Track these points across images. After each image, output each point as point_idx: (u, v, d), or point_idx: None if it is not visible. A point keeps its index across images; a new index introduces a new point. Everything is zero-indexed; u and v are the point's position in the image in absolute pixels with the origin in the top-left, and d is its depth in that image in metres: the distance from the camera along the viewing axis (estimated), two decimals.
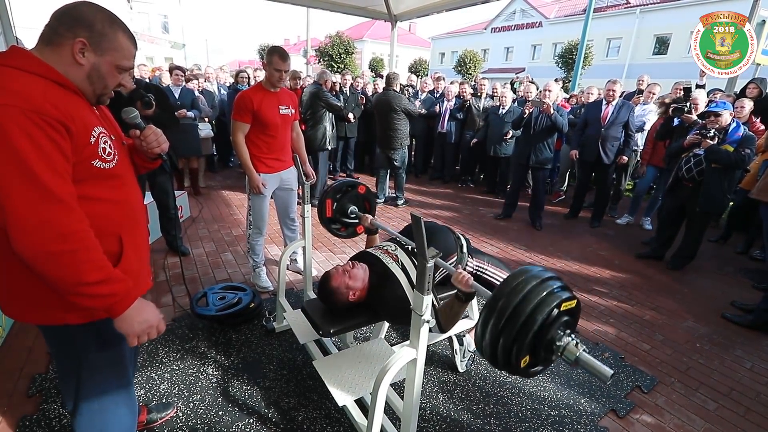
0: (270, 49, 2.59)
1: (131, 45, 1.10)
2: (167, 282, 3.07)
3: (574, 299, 1.09)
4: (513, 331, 1.04)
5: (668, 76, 6.29)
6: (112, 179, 1.12)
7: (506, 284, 1.10)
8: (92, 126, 1.04)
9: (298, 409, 1.93)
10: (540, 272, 1.11)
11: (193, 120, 5.03)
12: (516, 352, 1.05)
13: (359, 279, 1.74)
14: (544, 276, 1.10)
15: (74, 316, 1.09)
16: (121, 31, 1.07)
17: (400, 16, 5.68)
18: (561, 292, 1.08)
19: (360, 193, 2.32)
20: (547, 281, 1.09)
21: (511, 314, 1.04)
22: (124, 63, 1.09)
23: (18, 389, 1.95)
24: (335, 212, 2.29)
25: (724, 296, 3.31)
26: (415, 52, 35.06)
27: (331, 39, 24.66)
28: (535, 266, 1.15)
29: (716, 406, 2.12)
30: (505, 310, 1.05)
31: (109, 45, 1.04)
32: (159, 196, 3.34)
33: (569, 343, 1.06)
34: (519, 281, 1.08)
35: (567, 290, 1.10)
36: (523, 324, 1.03)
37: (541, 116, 4.33)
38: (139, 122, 1.29)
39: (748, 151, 3.19)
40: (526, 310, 1.03)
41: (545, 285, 1.08)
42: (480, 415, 1.97)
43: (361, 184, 2.34)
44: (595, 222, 4.89)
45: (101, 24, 1.02)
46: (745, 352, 2.59)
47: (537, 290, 1.06)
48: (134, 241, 1.19)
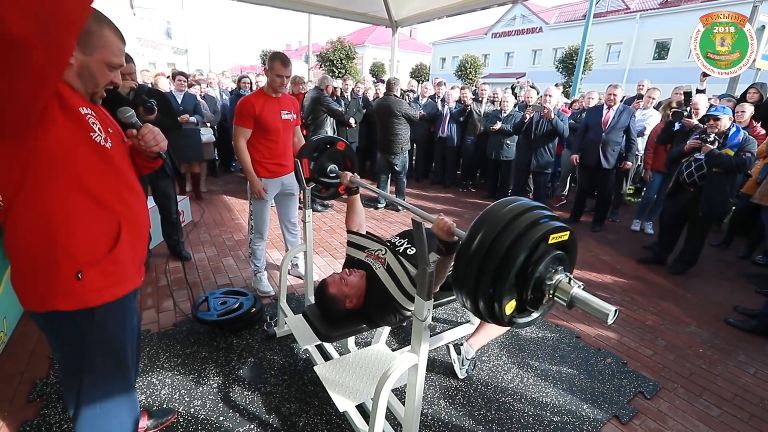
0: (272, 55, 2.60)
1: (119, 41, 1.12)
2: (168, 287, 3.08)
3: (566, 230, 0.94)
4: (491, 269, 0.88)
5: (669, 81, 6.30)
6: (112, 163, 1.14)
7: (489, 209, 0.95)
8: (80, 104, 1.07)
9: (299, 414, 1.93)
10: (525, 202, 0.96)
11: (196, 125, 5.06)
12: (498, 295, 0.89)
13: (355, 286, 1.74)
14: (530, 205, 0.95)
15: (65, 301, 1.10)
16: (107, 28, 1.08)
17: (401, 22, 5.71)
18: (549, 222, 0.93)
19: (339, 150, 2.16)
20: (532, 210, 0.94)
21: (488, 250, 0.88)
22: (113, 60, 1.11)
23: (19, 394, 1.94)
24: (313, 172, 2.13)
25: (727, 301, 3.30)
26: (416, 57, 35.25)
27: (333, 44, 24.82)
28: (520, 198, 0.99)
29: (720, 412, 2.10)
30: (482, 246, 0.89)
31: (96, 42, 1.06)
32: (161, 201, 3.35)
33: (561, 281, 0.91)
34: (499, 212, 0.93)
35: (557, 220, 0.96)
36: (503, 259, 0.87)
37: (542, 121, 4.35)
38: (135, 121, 1.30)
39: (749, 154, 3.19)
40: (506, 242, 0.87)
41: (529, 215, 0.92)
42: (482, 421, 1.96)
43: (340, 140, 2.20)
44: (597, 226, 4.89)
45: (87, 22, 1.03)
46: (748, 357, 2.57)
47: (519, 220, 0.90)
48: (132, 233, 1.21)
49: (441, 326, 2.70)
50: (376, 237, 1.89)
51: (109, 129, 1.17)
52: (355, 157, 2.29)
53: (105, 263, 1.14)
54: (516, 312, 0.94)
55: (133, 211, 1.22)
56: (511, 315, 0.93)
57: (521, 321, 0.97)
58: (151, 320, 2.62)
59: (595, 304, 0.88)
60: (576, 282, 0.91)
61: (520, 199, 0.98)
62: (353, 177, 2.00)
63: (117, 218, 1.16)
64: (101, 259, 1.13)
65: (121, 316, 1.24)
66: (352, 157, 2.27)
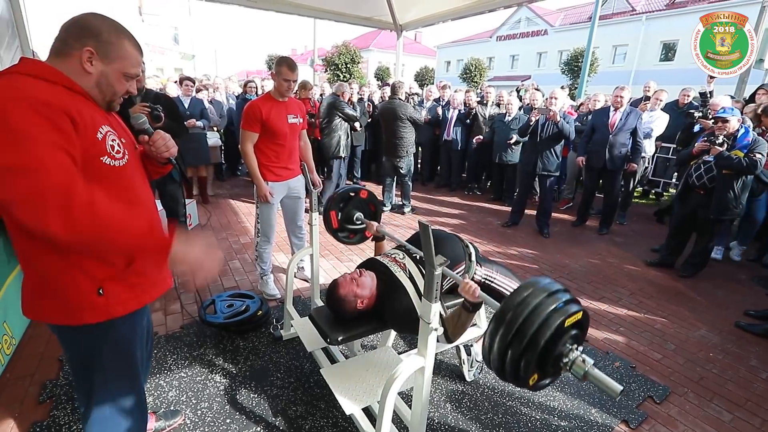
0: (278, 59, 2.63)
1: (137, 53, 1.14)
2: (176, 289, 3.09)
3: (580, 311, 1.08)
4: (521, 347, 1.03)
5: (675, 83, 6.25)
6: (123, 179, 1.15)
7: (513, 297, 1.09)
8: (99, 124, 1.07)
9: (305, 417, 1.93)
10: (548, 285, 1.10)
11: (202, 129, 5.11)
12: (524, 368, 1.05)
13: (367, 287, 1.74)
14: (552, 289, 1.09)
15: (91, 315, 1.11)
16: (126, 40, 1.11)
17: (406, 26, 5.73)
18: (568, 306, 1.07)
19: (363, 198, 2.32)
20: (554, 294, 1.08)
21: (518, 329, 1.03)
22: (131, 70, 1.13)
23: (29, 395, 1.97)
24: (341, 221, 2.29)
25: (737, 304, 3.25)
26: (420, 60, 35.37)
27: (338, 49, 24.97)
28: (543, 277, 1.14)
29: (731, 417, 2.07)
30: (513, 325, 1.04)
31: (115, 53, 1.08)
32: (169, 204, 3.39)
33: (577, 359, 1.05)
34: (526, 294, 1.07)
35: (575, 303, 1.09)
36: (530, 340, 1.02)
37: (548, 124, 4.33)
38: (147, 128, 1.32)
39: (759, 155, 3.15)
40: (534, 325, 1.02)
41: (553, 299, 1.06)
42: (488, 425, 1.95)
43: (363, 189, 2.33)
44: (604, 229, 4.85)
45: (108, 33, 1.06)
46: (760, 361, 2.53)
47: (545, 304, 1.05)
48: None
49: None
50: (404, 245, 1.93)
51: (123, 139, 1.18)
52: (378, 203, 2.41)
53: (128, 277, 1.16)
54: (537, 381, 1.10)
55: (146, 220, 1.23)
56: (533, 385, 1.09)
57: (541, 384, 1.12)
58: (158, 323, 2.64)
59: (606, 382, 1.01)
60: (588, 360, 1.05)
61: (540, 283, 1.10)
62: (379, 227, 2.16)
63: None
64: (122, 274, 1.14)
65: (133, 319, 1.25)
66: (375, 203, 2.38)
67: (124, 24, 1.14)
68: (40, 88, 0.95)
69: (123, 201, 1.14)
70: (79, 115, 0.99)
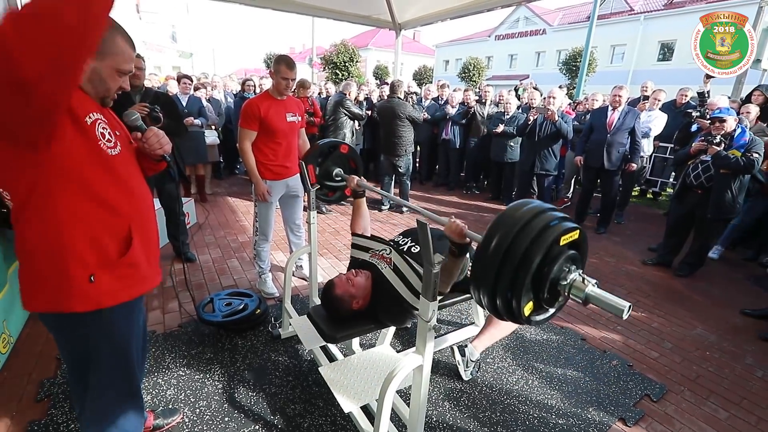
0: (277, 57, 2.62)
1: (129, 48, 1.14)
2: (174, 288, 3.09)
3: (577, 229, 0.98)
4: (509, 273, 0.92)
5: (673, 82, 6.27)
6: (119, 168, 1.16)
7: (503, 214, 0.99)
8: (88, 111, 1.08)
9: (303, 415, 1.93)
10: (536, 205, 1.00)
11: (201, 127, 5.10)
12: (516, 297, 0.94)
13: (362, 287, 1.74)
14: (541, 208, 0.99)
15: (81, 302, 1.11)
16: (119, 36, 1.10)
17: (405, 25, 5.73)
18: (561, 223, 0.96)
19: (343, 153, 2.20)
20: (543, 213, 0.98)
21: (505, 254, 0.93)
22: (124, 66, 1.13)
23: (27, 394, 1.96)
24: (319, 176, 2.17)
25: (734, 303, 3.27)
26: (419, 59, 35.35)
27: (336, 47, 24.92)
28: (531, 200, 1.04)
29: (727, 415, 2.08)
30: (499, 251, 0.93)
31: (108, 50, 1.08)
32: (166, 203, 3.38)
33: (575, 280, 0.95)
34: (517, 212, 0.97)
35: (568, 220, 0.99)
36: (523, 258, 0.91)
37: (546, 123, 4.34)
38: (140, 124, 1.32)
39: (756, 155, 3.17)
40: (525, 241, 0.91)
41: (541, 217, 0.96)
42: (486, 423, 1.96)
43: (343, 143, 2.23)
44: (601, 228, 4.87)
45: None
46: (756, 360, 2.55)
47: (536, 220, 0.94)
48: (143, 235, 1.23)
49: (446, 328, 2.69)
50: (379, 238, 1.90)
51: (117, 132, 1.19)
52: (358, 159, 2.31)
53: (119, 267, 1.15)
54: (533, 311, 0.99)
55: (141, 213, 1.24)
56: (529, 315, 0.98)
57: (538, 319, 1.02)
58: (156, 321, 2.64)
59: (610, 301, 0.92)
60: (589, 280, 0.95)
61: (532, 202, 1.01)
62: (359, 180, 2.03)
63: (127, 222, 1.17)
64: (114, 263, 1.14)
65: (128, 316, 1.25)
66: (355, 159, 2.29)
67: (121, 22, 1.14)
68: None
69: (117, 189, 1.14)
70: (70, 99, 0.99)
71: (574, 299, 0.96)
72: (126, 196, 1.18)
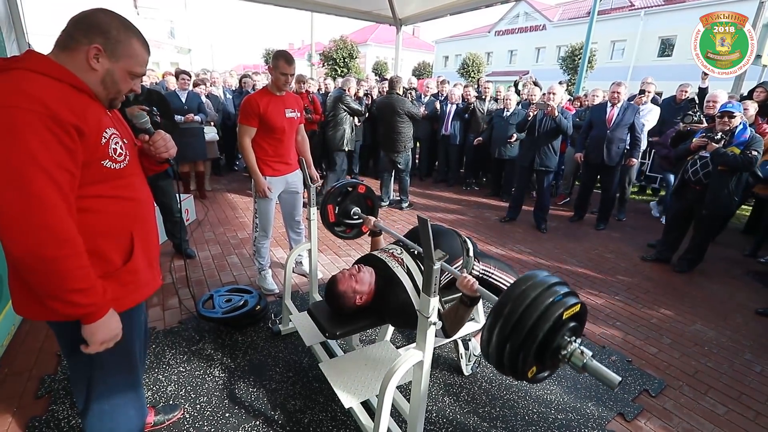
0: (276, 53, 2.61)
1: (144, 52, 1.13)
2: (173, 284, 3.09)
3: (578, 304, 1.08)
4: (519, 339, 1.03)
5: (673, 78, 6.25)
6: (122, 179, 1.14)
7: (512, 290, 1.09)
8: (104, 127, 1.06)
9: (304, 411, 1.94)
10: (546, 278, 1.10)
11: (200, 124, 5.08)
12: (522, 361, 1.05)
13: (366, 283, 1.75)
14: (550, 282, 1.09)
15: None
16: (135, 38, 1.09)
17: (405, 20, 5.70)
18: (566, 299, 1.07)
19: (360, 193, 2.31)
20: (552, 287, 1.07)
21: (517, 322, 1.03)
22: (137, 69, 1.12)
23: (27, 390, 1.97)
24: (338, 216, 2.28)
25: (732, 299, 3.28)
26: (419, 55, 35.18)
27: (336, 43, 24.80)
28: (540, 271, 1.14)
29: (726, 410, 2.10)
30: (511, 318, 1.04)
31: (123, 52, 1.07)
32: (161, 200, 3.36)
33: (575, 350, 1.05)
34: (525, 287, 1.07)
35: (573, 296, 1.09)
36: (528, 332, 1.02)
37: (546, 119, 4.32)
38: (148, 128, 1.32)
39: (755, 153, 3.16)
40: (532, 318, 1.02)
41: (551, 291, 1.06)
42: (486, 418, 1.96)
43: (361, 184, 2.31)
44: (601, 224, 4.87)
45: (116, 31, 1.05)
46: (754, 355, 2.56)
47: (543, 297, 1.05)
48: (144, 240, 1.22)
49: None
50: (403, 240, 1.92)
51: (125, 140, 1.17)
52: (375, 198, 2.39)
53: (122, 275, 1.15)
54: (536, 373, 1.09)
55: (143, 218, 1.22)
56: (531, 377, 1.09)
57: (538, 377, 1.12)
58: (156, 318, 2.64)
59: (604, 373, 1.02)
60: (587, 352, 1.05)
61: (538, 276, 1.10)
62: (377, 222, 2.13)
63: (128, 231, 1.16)
64: (117, 272, 1.14)
65: (131, 319, 1.24)
66: (372, 197, 2.36)
67: None
68: (48, 90, 0.94)
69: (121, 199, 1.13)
70: (85, 123, 0.98)
71: (572, 367, 1.07)
72: (129, 205, 1.16)
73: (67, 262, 0.95)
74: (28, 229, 0.90)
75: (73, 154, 0.96)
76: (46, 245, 0.92)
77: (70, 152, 0.95)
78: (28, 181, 0.89)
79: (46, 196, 0.91)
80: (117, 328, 1.12)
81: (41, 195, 0.91)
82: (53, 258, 0.93)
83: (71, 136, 0.95)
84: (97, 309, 1.04)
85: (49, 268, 0.94)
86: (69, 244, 0.95)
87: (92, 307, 1.03)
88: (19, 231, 0.90)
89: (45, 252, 0.92)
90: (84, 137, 0.98)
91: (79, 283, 0.98)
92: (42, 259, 0.92)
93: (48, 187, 0.91)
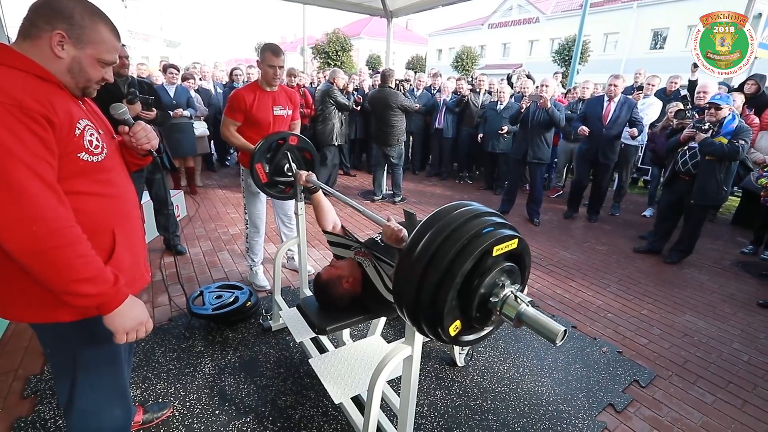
0: (263, 46, 2.55)
1: (114, 38, 1.07)
2: (164, 281, 3.06)
3: (515, 239, 0.85)
4: (431, 288, 0.80)
5: (666, 71, 6.26)
6: (101, 173, 1.10)
7: (429, 220, 0.86)
8: (77, 118, 1.02)
9: (294, 407, 1.93)
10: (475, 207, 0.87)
11: (189, 119, 5.00)
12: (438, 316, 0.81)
13: (348, 267, 1.71)
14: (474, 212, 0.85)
15: (66, 313, 1.07)
16: (102, 24, 1.04)
17: (396, 12, 5.65)
18: (495, 231, 0.83)
19: (293, 145, 2.04)
20: (481, 216, 0.84)
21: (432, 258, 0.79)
22: (107, 56, 1.06)
23: (13, 390, 1.93)
24: (270, 174, 2.01)
25: (722, 290, 3.32)
26: (412, 48, 35.00)
27: (328, 36, 24.55)
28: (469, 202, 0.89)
29: (714, 399, 2.12)
30: (421, 261, 0.80)
31: (89, 38, 1.02)
32: (157, 194, 3.32)
33: (508, 297, 0.82)
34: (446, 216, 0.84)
35: (506, 228, 0.86)
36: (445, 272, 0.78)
37: (539, 111, 4.31)
38: (127, 118, 1.28)
39: (742, 142, 3.18)
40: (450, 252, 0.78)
41: (478, 221, 0.83)
42: (478, 410, 1.97)
43: (293, 135, 2.07)
44: (593, 217, 4.89)
45: (80, 16, 1.00)
46: (742, 345, 2.59)
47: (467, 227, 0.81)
48: (127, 237, 1.18)
49: None
50: (352, 236, 1.82)
51: (101, 131, 1.12)
52: (312, 149, 2.16)
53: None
54: (462, 331, 0.86)
55: (125, 215, 1.18)
56: (455, 335, 0.85)
57: (468, 339, 0.88)
58: None
59: (543, 323, 0.80)
60: (523, 298, 0.83)
61: (468, 204, 0.88)
62: (308, 176, 1.88)
63: (110, 228, 1.12)
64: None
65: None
66: (309, 149, 2.13)
67: (105, 10, 1.07)
68: (10, 81, 0.90)
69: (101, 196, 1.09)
70: (54, 114, 0.93)
71: (504, 318, 0.83)
72: (109, 202, 1.12)
73: (64, 252, 0.92)
74: (18, 224, 0.87)
75: (46, 143, 0.92)
76: (39, 238, 0.89)
77: (43, 141, 0.91)
78: (6, 175, 0.85)
79: (30, 188, 0.88)
80: (141, 315, 1.08)
81: (24, 187, 0.87)
82: (47, 250, 0.90)
83: (42, 125, 0.91)
84: (110, 298, 1.01)
85: (47, 260, 0.91)
86: (61, 233, 0.92)
87: (103, 296, 0.99)
88: (10, 228, 0.87)
89: (39, 245, 0.89)
90: (55, 128, 0.94)
91: (81, 273, 0.95)
92: (38, 252, 0.89)
93: (29, 179, 0.88)
